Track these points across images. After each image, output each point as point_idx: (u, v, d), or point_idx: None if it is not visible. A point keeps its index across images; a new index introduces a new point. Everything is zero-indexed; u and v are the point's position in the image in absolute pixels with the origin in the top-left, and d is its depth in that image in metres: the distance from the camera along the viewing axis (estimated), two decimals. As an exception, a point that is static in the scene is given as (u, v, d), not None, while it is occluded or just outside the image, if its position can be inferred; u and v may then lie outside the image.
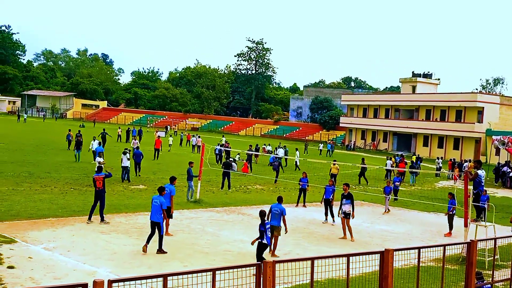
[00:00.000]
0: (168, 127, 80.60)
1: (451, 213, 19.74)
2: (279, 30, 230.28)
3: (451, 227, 19.80)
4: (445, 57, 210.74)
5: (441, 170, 43.91)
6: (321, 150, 58.58)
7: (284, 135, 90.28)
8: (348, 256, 6.59)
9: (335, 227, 19.83)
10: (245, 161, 37.25)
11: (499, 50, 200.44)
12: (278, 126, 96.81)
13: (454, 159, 48.10)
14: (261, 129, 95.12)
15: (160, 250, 14.32)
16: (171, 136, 58.75)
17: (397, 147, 73.40)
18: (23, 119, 79.67)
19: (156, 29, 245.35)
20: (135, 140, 42.49)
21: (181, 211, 20.63)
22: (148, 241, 14.42)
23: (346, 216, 17.99)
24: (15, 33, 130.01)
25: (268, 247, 13.50)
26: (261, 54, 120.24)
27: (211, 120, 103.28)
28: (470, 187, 16.65)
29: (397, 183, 28.28)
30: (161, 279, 5.28)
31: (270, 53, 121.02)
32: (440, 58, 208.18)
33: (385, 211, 24.43)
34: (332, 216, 20.76)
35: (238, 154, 43.78)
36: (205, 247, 15.40)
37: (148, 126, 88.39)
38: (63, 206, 19.46)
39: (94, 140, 35.55)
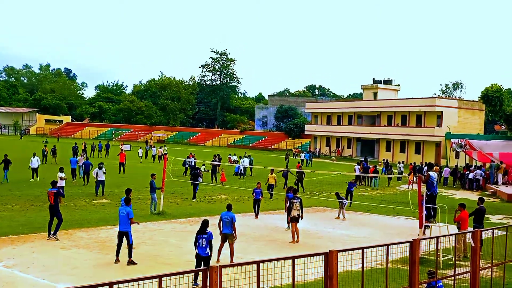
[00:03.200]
0: (149, 141, 78.56)
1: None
2: (243, 40, 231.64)
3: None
4: (405, 63, 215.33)
5: (403, 174, 44.86)
6: (302, 160, 57.46)
7: (251, 145, 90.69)
8: (293, 258, 6.90)
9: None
10: (222, 171, 37.34)
11: (458, 55, 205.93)
12: (244, 136, 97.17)
13: (414, 163, 49.20)
14: (227, 139, 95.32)
15: (131, 261, 14.45)
16: (140, 148, 58.20)
17: (361, 153, 74.54)
18: None
19: (120, 42, 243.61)
20: (82, 156, 40.22)
21: (144, 223, 20.64)
22: (118, 253, 14.64)
23: (296, 220, 18.74)
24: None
25: (205, 258, 12.93)
26: (225, 65, 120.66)
27: (177, 132, 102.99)
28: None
29: (352, 189, 28.60)
30: (107, 287, 5.48)
31: (234, 63, 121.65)
32: (400, 64, 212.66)
33: (341, 217, 24.68)
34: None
35: (204, 164, 43.91)
36: (168, 258, 15.54)
37: (113, 139, 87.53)
38: (23, 223, 19.31)
39: (34, 157, 33.07)
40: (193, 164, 40.04)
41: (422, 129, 66.82)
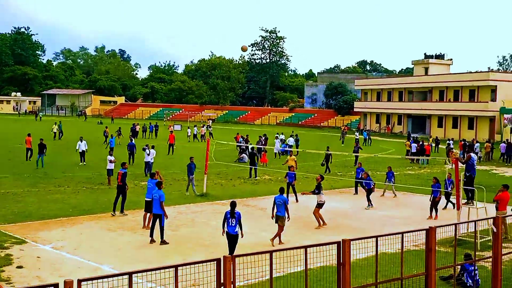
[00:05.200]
0: (210, 121, 77.26)
1: (437, 199, 20.11)
2: (292, 17, 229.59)
3: (435, 210, 20.32)
4: (458, 37, 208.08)
5: (453, 151, 43.94)
6: (357, 139, 51.68)
7: (300, 123, 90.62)
8: (305, 247, 7.23)
9: (336, 214, 20.38)
10: (263, 151, 37.72)
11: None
12: (293, 114, 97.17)
13: (465, 140, 48.06)
14: (276, 118, 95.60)
15: (163, 241, 15.27)
16: (188, 128, 59.03)
17: (411, 130, 73.28)
18: (39, 118, 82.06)
19: (171, 22, 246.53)
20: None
21: (187, 205, 21.43)
22: (151, 234, 15.53)
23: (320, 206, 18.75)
24: (34, 34, 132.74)
25: (234, 236, 13.92)
26: (274, 43, 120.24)
27: (227, 111, 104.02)
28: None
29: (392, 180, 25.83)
30: (126, 276, 6.00)
31: (283, 41, 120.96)
32: (453, 38, 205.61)
33: (385, 195, 25.03)
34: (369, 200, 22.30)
35: (252, 145, 44.40)
36: (207, 240, 16.16)
37: (165, 119, 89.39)
38: (74, 205, 20.37)
39: (81, 141, 32.96)
40: (243, 147, 40.51)
41: (476, 104, 64.91)
